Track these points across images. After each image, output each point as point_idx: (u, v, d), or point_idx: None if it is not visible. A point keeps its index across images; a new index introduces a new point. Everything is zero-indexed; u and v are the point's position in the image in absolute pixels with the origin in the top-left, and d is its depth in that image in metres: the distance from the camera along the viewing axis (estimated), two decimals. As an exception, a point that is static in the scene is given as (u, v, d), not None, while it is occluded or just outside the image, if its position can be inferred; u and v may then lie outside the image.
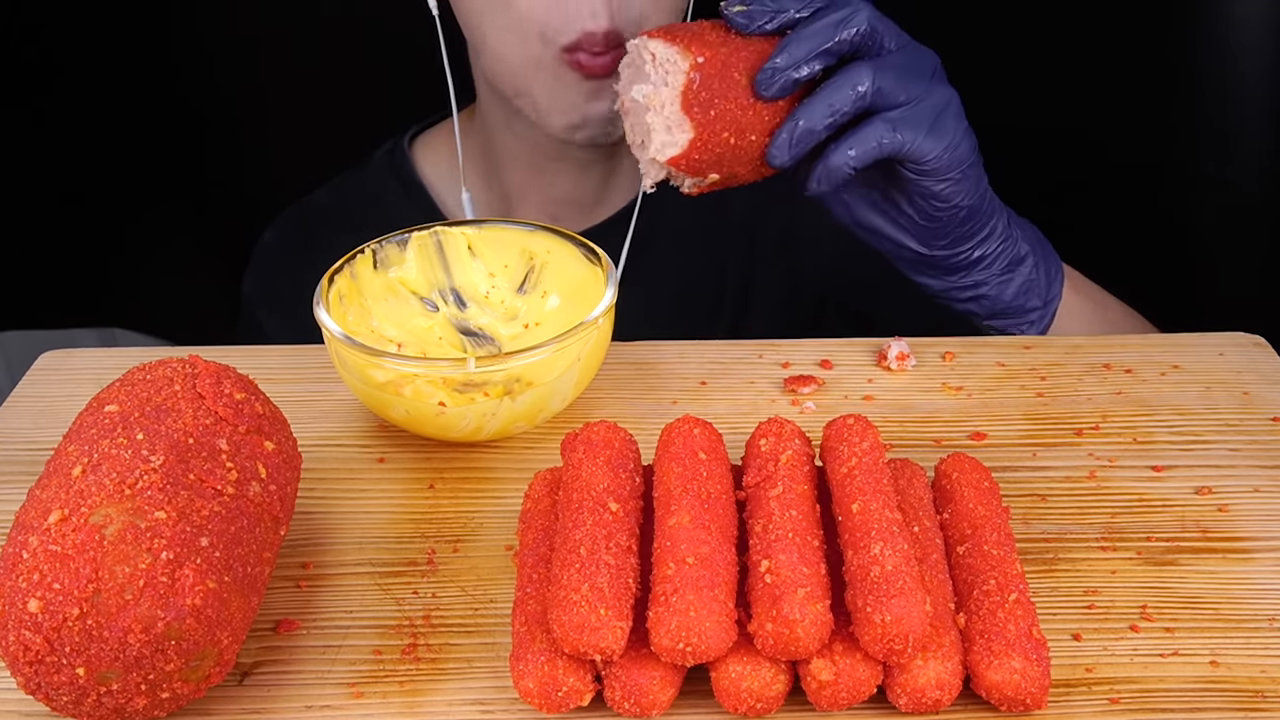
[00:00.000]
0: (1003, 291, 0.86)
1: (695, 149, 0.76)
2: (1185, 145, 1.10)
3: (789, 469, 0.62)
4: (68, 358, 0.85)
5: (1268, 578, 0.66)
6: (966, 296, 0.86)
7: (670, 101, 0.75)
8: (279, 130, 1.42)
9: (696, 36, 0.76)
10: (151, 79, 1.39)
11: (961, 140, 0.77)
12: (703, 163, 0.77)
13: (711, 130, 0.76)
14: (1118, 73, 1.13)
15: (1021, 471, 0.74)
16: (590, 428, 0.65)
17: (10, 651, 0.52)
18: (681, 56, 0.75)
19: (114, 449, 0.57)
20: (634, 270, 1.06)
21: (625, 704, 0.56)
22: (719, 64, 0.75)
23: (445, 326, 0.83)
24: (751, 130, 0.76)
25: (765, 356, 0.85)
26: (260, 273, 1.18)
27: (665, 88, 0.75)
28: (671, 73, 0.75)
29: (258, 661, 0.62)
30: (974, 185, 0.79)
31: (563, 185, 1.08)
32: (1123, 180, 1.16)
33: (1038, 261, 0.87)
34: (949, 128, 0.77)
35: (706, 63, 0.75)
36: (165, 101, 1.40)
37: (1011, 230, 0.85)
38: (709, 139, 0.76)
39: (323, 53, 1.37)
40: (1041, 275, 0.87)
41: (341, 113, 1.36)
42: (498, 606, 0.65)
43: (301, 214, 1.18)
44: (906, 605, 0.54)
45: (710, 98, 0.75)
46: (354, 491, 0.73)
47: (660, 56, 0.76)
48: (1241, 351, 0.84)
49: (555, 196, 1.08)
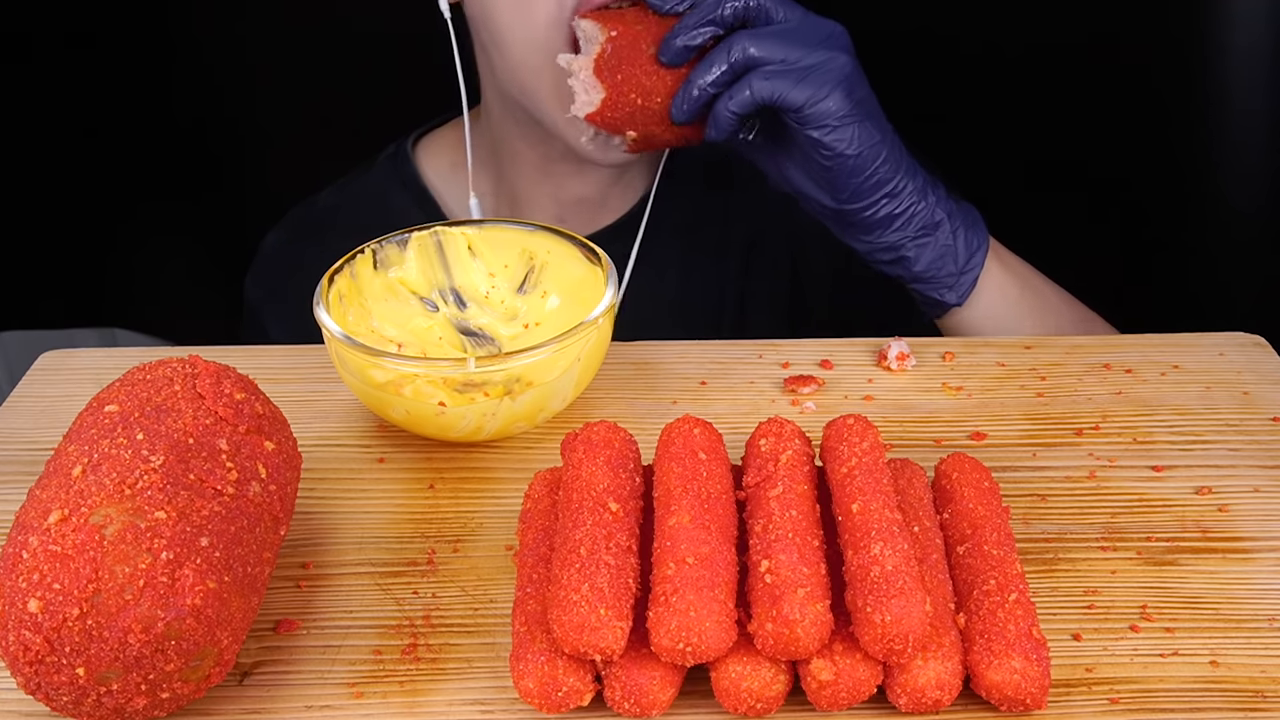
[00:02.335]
0: (920, 255, 0.90)
1: (607, 107, 0.88)
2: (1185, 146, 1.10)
3: (789, 469, 0.62)
4: (68, 358, 0.85)
5: (1268, 578, 0.66)
6: (888, 259, 0.91)
7: (585, 67, 0.88)
8: (280, 131, 1.42)
9: (618, 16, 0.89)
10: (152, 80, 1.39)
11: (833, 92, 0.84)
12: (616, 120, 0.88)
13: (620, 92, 0.87)
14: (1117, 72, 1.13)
15: (1021, 471, 0.74)
16: (590, 428, 0.65)
17: (10, 651, 0.52)
18: (600, 31, 0.87)
19: (114, 449, 0.57)
20: (638, 269, 1.06)
21: (625, 704, 0.56)
22: (630, 37, 0.87)
23: (445, 326, 0.83)
24: (656, 93, 0.87)
25: (765, 356, 0.85)
26: (262, 274, 1.18)
27: (583, 56, 0.88)
28: (591, 43, 0.88)
29: (258, 661, 0.62)
30: (854, 137, 0.85)
31: (570, 188, 1.08)
32: (1123, 181, 1.16)
33: (956, 229, 0.91)
34: (820, 81, 0.84)
35: (619, 35, 0.87)
36: (166, 102, 1.40)
37: (926, 195, 0.89)
38: (618, 99, 0.87)
39: (324, 54, 1.37)
40: (960, 243, 0.91)
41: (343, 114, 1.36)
42: (498, 606, 0.65)
43: (304, 216, 1.18)
44: (906, 605, 0.54)
45: (619, 64, 0.87)
46: (354, 491, 0.73)
47: (585, 32, 0.88)
48: (1241, 351, 0.84)
49: (562, 199, 1.08)
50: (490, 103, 1.07)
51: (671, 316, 1.09)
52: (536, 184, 1.08)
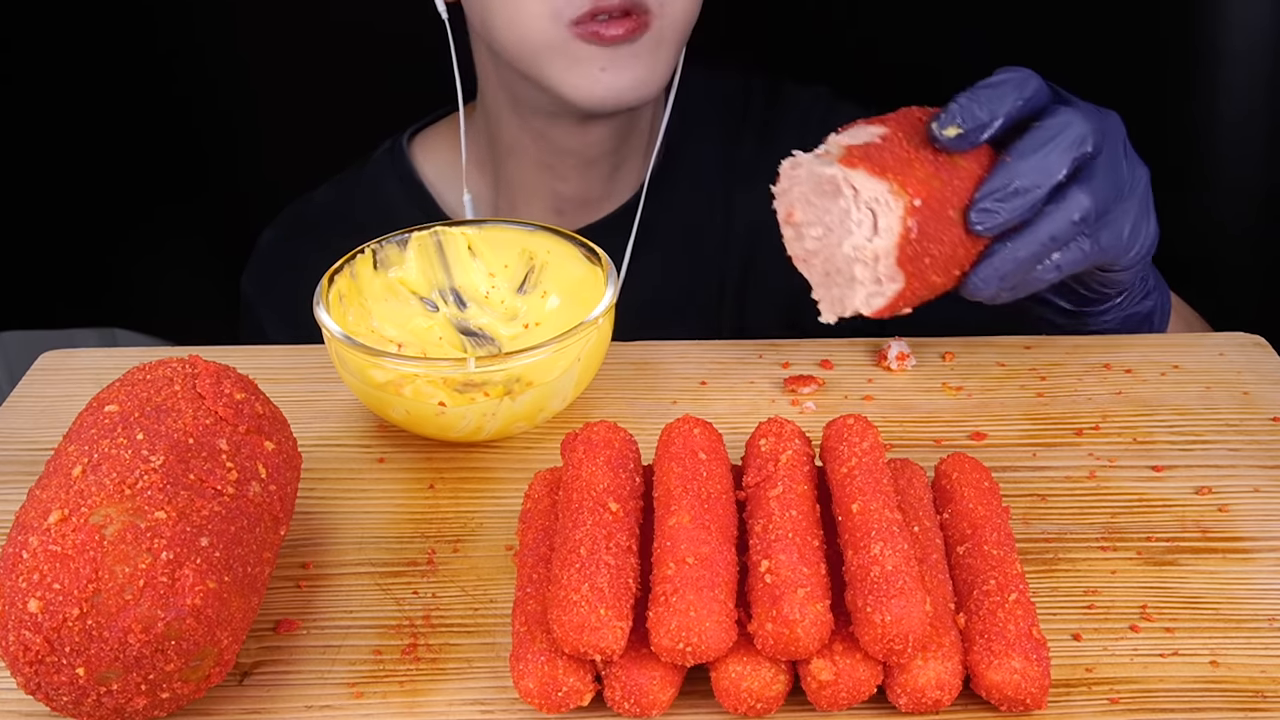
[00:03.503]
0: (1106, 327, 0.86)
1: (902, 298, 0.72)
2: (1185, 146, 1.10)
3: (789, 469, 0.62)
4: (68, 358, 0.85)
5: (1268, 578, 0.66)
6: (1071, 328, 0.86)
7: (885, 255, 0.70)
8: (277, 129, 1.42)
9: (903, 164, 0.70)
10: (150, 79, 1.39)
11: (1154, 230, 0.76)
12: (904, 307, 0.73)
13: (922, 278, 0.72)
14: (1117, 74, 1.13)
15: (1021, 471, 0.74)
16: (590, 428, 0.65)
17: (10, 651, 0.52)
18: (894, 197, 0.69)
19: (114, 449, 0.57)
20: (636, 265, 1.06)
21: (625, 704, 0.56)
22: (935, 203, 0.70)
23: (445, 326, 0.83)
24: (957, 265, 0.73)
25: (765, 356, 0.85)
26: (259, 272, 1.18)
27: (879, 239, 0.69)
28: (883, 215, 0.69)
29: (258, 661, 0.62)
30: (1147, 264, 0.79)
31: (567, 182, 1.08)
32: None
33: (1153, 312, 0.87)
34: (1145, 226, 0.76)
35: (924, 205, 0.69)
36: (164, 102, 1.40)
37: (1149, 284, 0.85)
38: (918, 286, 0.72)
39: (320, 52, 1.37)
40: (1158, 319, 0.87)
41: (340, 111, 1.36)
42: (498, 606, 0.65)
43: (300, 213, 1.18)
44: (906, 605, 0.54)
45: (926, 245, 0.70)
46: (354, 491, 0.73)
47: (867, 193, 0.69)
48: (1241, 351, 0.84)
49: (559, 192, 1.08)
50: (487, 98, 1.07)
51: (669, 311, 1.09)
52: (533, 178, 1.08)
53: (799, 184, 0.74)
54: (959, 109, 0.72)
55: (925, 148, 0.72)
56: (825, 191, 0.72)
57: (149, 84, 1.39)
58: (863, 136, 0.73)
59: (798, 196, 0.75)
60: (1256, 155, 1.07)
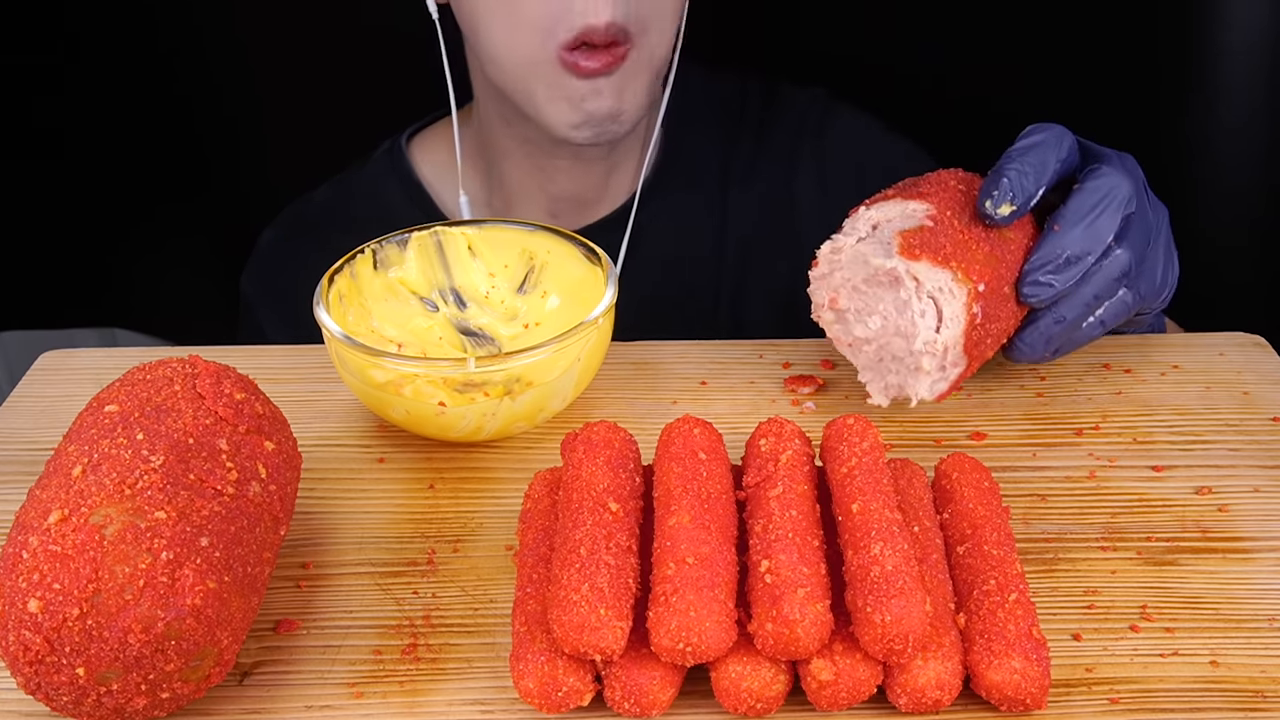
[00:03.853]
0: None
1: (962, 378, 0.72)
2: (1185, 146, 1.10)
3: (789, 469, 0.62)
4: (68, 358, 0.85)
5: (1268, 578, 0.66)
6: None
7: (954, 345, 0.69)
8: (277, 130, 1.42)
9: (961, 248, 0.69)
10: (150, 80, 1.39)
11: (1177, 266, 0.76)
12: (961, 385, 0.73)
13: (981, 356, 0.72)
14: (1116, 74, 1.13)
15: (1021, 471, 0.74)
16: (590, 428, 0.65)
17: (10, 651, 0.52)
18: (958, 285, 0.68)
19: (114, 449, 0.57)
20: (632, 265, 1.06)
21: (625, 704, 0.56)
22: (994, 284, 0.69)
23: (445, 326, 0.83)
24: (1006, 334, 0.73)
25: (765, 356, 0.85)
26: (259, 271, 1.18)
27: (946, 330, 0.69)
28: (947, 304, 0.69)
29: (258, 661, 0.62)
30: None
31: (562, 182, 1.08)
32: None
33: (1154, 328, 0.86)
34: (1171, 265, 0.76)
35: (986, 289, 0.69)
36: (164, 102, 1.40)
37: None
38: (975, 364, 0.72)
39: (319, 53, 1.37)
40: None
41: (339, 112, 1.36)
42: (498, 606, 0.65)
43: (300, 213, 1.18)
44: (906, 605, 0.54)
45: (988, 326, 0.70)
46: (354, 491, 0.73)
47: (930, 284, 0.68)
48: (1241, 351, 0.84)
49: (554, 193, 1.08)
50: (481, 99, 1.07)
51: (666, 310, 1.09)
52: (528, 178, 1.08)
53: (842, 269, 0.73)
54: (1010, 185, 0.71)
55: (975, 224, 0.71)
56: (880, 282, 0.71)
57: (149, 84, 1.39)
58: (908, 218, 0.72)
59: (841, 282, 0.73)
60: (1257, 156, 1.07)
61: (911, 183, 0.75)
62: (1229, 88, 1.05)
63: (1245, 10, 1.02)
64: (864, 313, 0.73)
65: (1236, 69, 1.04)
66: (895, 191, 0.74)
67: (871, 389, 0.75)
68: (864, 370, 0.75)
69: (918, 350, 0.70)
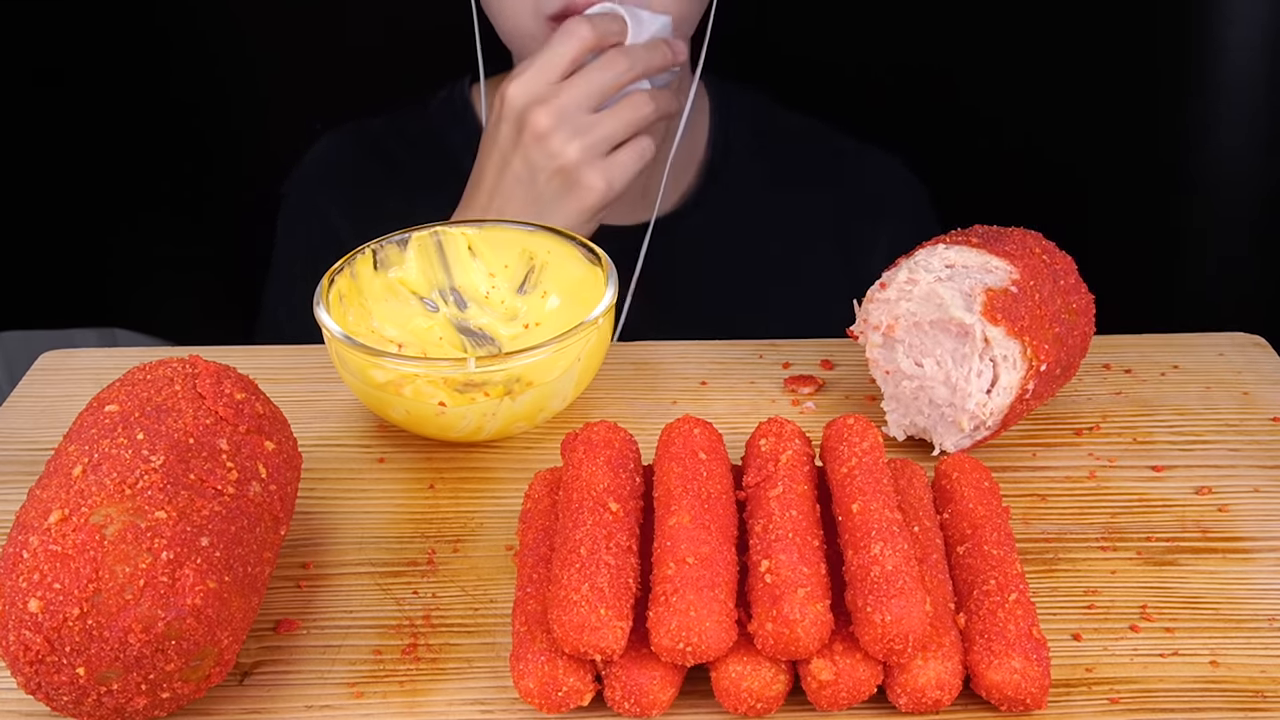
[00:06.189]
0: None
1: (986, 441, 0.73)
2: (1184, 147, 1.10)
3: (789, 469, 0.62)
4: (68, 358, 0.85)
5: (1268, 578, 0.66)
6: None
7: (998, 413, 0.70)
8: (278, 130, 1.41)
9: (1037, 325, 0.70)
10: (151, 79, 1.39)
11: None
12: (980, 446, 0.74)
13: (1010, 425, 0.73)
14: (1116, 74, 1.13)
15: (1021, 471, 0.74)
16: (590, 428, 0.65)
17: (10, 651, 0.52)
18: (1023, 360, 0.70)
19: (114, 449, 0.57)
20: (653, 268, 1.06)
21: (625, 704, 0.56)
22: (1051, 367, 0.71)
23: (445, 326, 0.83)
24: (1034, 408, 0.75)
25: (765, 356, 0.85)
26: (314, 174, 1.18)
27: (997, 398, 0.70)
28: (1005, 373, 0.69)
29: (258, 661, 0.62)
30: None
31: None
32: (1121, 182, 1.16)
33: None
34: None
35: (1046, 369, 0.70)
36: (165, 102, 1.40)
37: None
38: (1002, 431, 0.74)
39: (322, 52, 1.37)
40: None
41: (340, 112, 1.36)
42: (498, 606, 0.65)
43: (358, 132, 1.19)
44: (906, 605, 0.54)
45: (1031, 404, 0.72)
46: (354, 491, 0.74)
47: (999, 349, 0.69)
48: (1241, 351, 0.84)
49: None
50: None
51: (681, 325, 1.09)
52: None
53: (911, 301, 0.73)
54: None
55: (1052, 300, 0.72)
56: (948, 329, 0.71)
57: (150, 83, 1.39)
58: (990, 272, 0.72)
59: (905, 313, 0.73)
60: (1256, 154, 1.07)
61: (994, 235, 0.75)
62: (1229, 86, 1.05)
63: (1245, 7, 1.02)
64: (917, 350, 0.73)
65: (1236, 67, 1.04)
66: (978, 240, 0.74)
67: (891, 419, 0.75)
68: (890, 400, 0.75)
69: (964, 407, 0.70)
